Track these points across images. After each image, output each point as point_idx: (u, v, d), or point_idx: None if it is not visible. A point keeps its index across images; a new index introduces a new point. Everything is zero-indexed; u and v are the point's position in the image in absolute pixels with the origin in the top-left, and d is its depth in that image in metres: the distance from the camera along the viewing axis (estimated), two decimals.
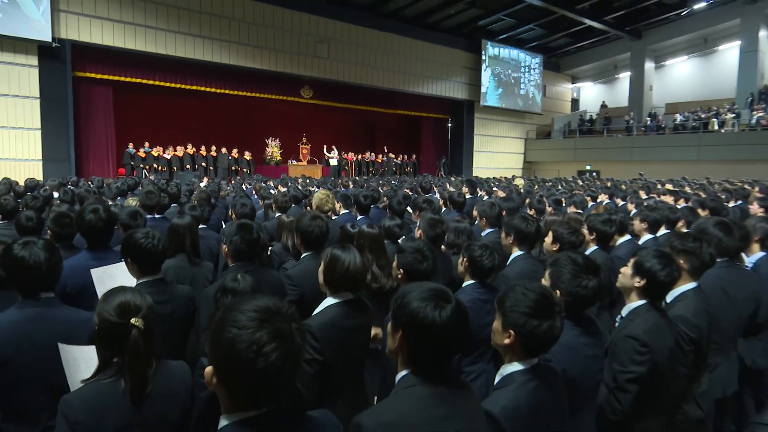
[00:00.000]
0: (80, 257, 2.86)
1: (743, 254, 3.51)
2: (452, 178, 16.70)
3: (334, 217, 5.24)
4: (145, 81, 16.28)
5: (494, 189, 10.19)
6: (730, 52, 24.07)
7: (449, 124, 25.15)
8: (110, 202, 5.92)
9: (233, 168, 18.66)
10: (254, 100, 19.15)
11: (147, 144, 17.14)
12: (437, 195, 8.53)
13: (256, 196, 7.93)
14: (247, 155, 19.19)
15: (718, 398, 2.82)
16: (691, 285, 2.62)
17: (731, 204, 7.46)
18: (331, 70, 19.11)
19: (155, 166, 17.02)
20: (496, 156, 25.78)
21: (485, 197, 7.88)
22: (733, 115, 21.61)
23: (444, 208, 6.25)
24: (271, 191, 8.18)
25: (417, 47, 21.59)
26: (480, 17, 21.89)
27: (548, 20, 22.40)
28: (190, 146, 18.04)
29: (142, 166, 16.70)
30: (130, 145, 16.76)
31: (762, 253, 3.56)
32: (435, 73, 22.51)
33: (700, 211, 5.41)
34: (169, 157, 17.45)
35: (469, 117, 24.55)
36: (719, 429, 3.02)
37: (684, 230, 4.06)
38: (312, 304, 2.43)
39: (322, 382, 2.19)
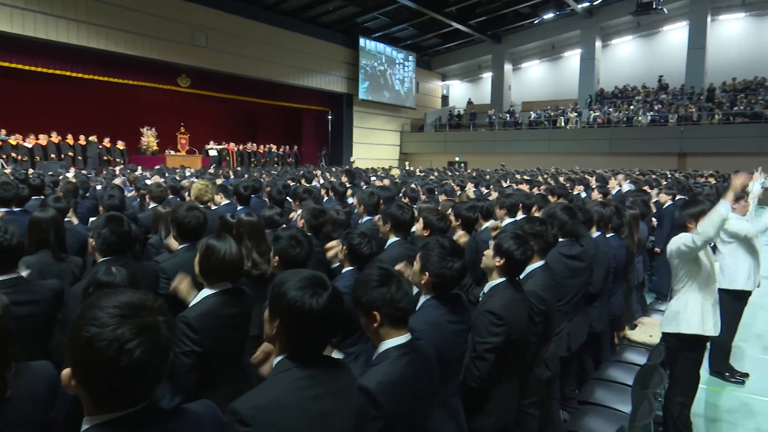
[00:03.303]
0: None
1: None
2: (333, 169, 17.17)
3: (213, 207, 5.14)
4: None
5: (372, 179, 10.49)
6: (573, 59, 27.33)
7: (329, 117, 25.64)
8: None
9: (105, 158, 17.59)
10: (127, 87, 18.11)
11: (3, 131, 15.57)
12: (318, 185, 8.68)
13: (131, 187, 7.67)
14: (120, 144, 18.18)
15: (562, 356, 3.13)
16: (540, 263, 2.88)
17: (575, 191, 8.11)
18: (210, 60, 18.64)
19: (14, 155, 15.54)
20: (374, 147, 26.74)
21: (364, 186, 8.18)
22: (576, 114, 24.62)
23: (326, 197, 6.44)
24: (147, 182, 7.83)
25: (297, 40, 21.66)
26: (357, 14, 22.60)
27: (420, 21, 23.65)
28: (54, 134, 16.68)
29: None
30: None
31: (598, 233, 4.03)
32: (315, 67, 22.73)
33: (550, 197, 5.89)
34: (30, 145, 16.02)
35: (348, 110, 25.19)
36: (564, 385, 3.41)
37: (537, 214, 4.41)
38: None
39: (201, 373, 2.17)
